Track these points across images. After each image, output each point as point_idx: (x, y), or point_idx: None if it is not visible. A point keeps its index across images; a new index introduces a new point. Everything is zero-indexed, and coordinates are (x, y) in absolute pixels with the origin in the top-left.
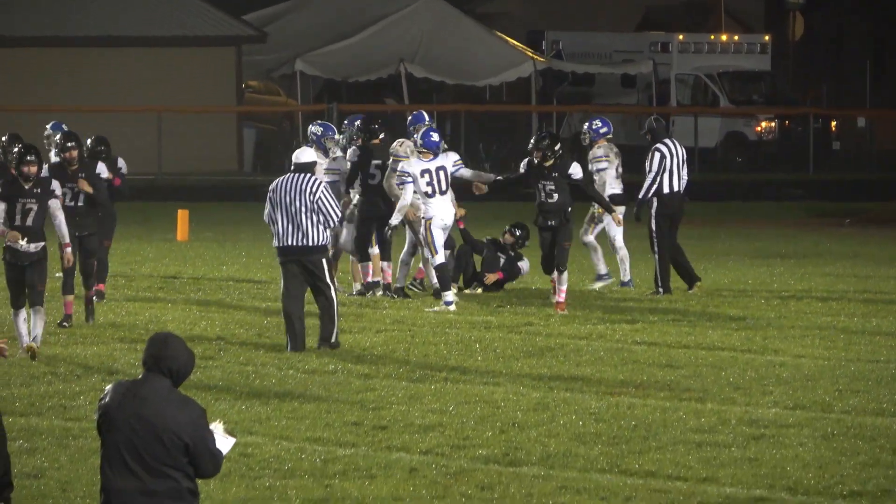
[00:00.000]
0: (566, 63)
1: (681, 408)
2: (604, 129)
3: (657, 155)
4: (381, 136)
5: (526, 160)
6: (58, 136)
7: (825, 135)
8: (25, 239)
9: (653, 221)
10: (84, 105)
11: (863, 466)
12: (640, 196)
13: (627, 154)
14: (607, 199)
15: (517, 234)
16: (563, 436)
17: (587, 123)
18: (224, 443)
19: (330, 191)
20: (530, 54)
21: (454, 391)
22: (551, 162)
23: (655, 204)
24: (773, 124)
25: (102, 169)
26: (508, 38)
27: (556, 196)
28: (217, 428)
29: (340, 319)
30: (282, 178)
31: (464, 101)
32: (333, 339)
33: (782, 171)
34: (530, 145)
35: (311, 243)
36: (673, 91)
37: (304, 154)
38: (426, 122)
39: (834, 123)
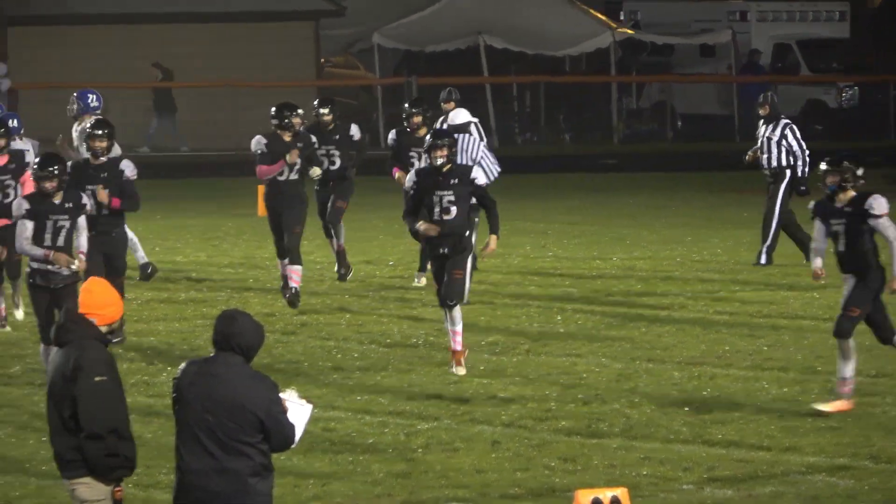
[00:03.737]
0: (644, 34)
1: (763, 377)
2: (95, 104)
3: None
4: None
5: (413, 171)
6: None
7: None
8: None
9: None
10: (163, 81)
11: None
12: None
13: (718, 122)
14: None
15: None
16: (645, 407)
17: (76, 96)
18: (300, 410)
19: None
20: (609, 24)
21: (536, 363)
22: (449, 166)
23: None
24: (853, 92)
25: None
26: (587, 8)
27: (454, 210)
28: (291, 395)
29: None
30: None
31: (542, 72)
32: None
33: (863, 139)
34: (426, 146)
35: None
36: (769, 58)
37: (459, 115)
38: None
39: None
